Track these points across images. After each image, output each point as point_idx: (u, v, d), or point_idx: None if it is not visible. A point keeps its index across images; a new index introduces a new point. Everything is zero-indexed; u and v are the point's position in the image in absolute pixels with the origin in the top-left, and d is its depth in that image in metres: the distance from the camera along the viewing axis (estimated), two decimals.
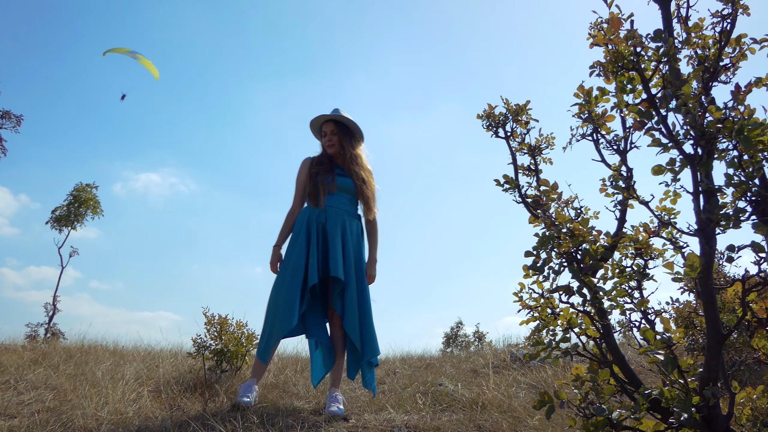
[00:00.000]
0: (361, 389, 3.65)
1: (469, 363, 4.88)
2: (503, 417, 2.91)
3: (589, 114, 1.87)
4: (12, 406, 2.62)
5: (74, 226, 10.71)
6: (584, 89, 1.87)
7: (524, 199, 1.95)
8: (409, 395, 3.36)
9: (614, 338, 1.77)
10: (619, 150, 1.75)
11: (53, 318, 9.89)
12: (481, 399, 3.22)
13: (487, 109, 2.03)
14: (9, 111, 7.48)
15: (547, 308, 1.83)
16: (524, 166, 2.16)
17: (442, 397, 3.34)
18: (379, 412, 3.00)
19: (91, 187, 11.07)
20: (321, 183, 3.16)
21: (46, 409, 2.64)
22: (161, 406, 2.83)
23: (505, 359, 4.72)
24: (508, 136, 2.05)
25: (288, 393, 3.42)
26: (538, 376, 3.81)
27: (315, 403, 3.17)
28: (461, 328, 10.48)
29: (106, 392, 2.86)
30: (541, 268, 1.67)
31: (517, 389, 3.52)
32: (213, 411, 2.77)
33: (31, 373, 3.39)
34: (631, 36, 1.58)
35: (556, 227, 1.77)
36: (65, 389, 3.01)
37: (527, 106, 2.02)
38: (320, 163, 3.26)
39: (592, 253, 1.63)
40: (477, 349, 9.94)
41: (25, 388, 3.04)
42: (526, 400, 3.23)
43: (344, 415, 2.85)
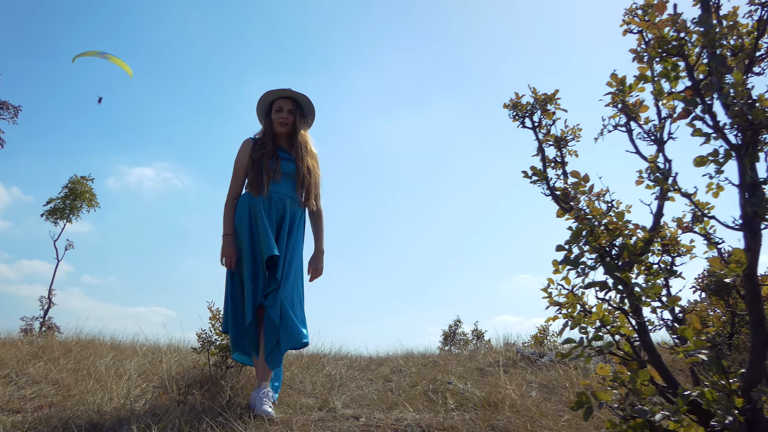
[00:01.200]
0: (369, 387, 3.58)
1: (474, 361, 4.81)
2: (517, 417, 2.85)
3: (622, 103, 1.79)
4: (14, 401, 2.54)
5: (70, 218, 10.60)
6: (617, 78, 1.80)
7: (553, 192, 1.88)
8: (419, 393, 3.29)
9: (650, 336, 1.70)
10: (657, 140, 1.68)
11: (48, 312, 9.80)
12: (492, 398, 3.15)
13: (514, 98, 1.96)
14: (6, 102, 7.36)
15: (578, 305, 1.76)
16: (549, 158, 2.09)
17: (453, 395, 3.27)
18: (390, 410, 2.93)
19: (87, 179, 10.94)
20: (265, 169, 2.90)
21: (49, 404, 2.56)
22: (167, 401, 2.75)
23: (511, 357, 4.66)
24: (535, 126, 1.98)
25: (295, 390, 3.34)
26: (548, 375, 3.75)
27: (322, 400, 3.10)
28: (459, 326, 10.43)
29: (110, 387, 2.78)
30: (576, 263, 1.60)
31: (528, 388, 3.45)
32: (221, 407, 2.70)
33: (31, 368, 3.30)
34: (675, 20, 1.51)
35: (589, 221, 1.70)
36: (67, 384, 2.93)
37: (556, 96, 1.95)
38: (263, 146, 2.97)
39: (631, 249, 1.56)
40: (475, 347, 9.89)
41: (26, 382, 2.96)
42: (538, 400, 3.17)
43: (274, 417, 2.54)
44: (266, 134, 3.02)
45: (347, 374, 3.85)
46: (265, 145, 2.97)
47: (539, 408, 2.96)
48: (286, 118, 2.98)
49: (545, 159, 1.95)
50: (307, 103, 3.06)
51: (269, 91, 3.03)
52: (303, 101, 3.05)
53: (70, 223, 10.60)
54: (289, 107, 3.00)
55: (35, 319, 9.49)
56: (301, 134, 3.04)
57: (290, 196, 2.98)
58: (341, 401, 3.08)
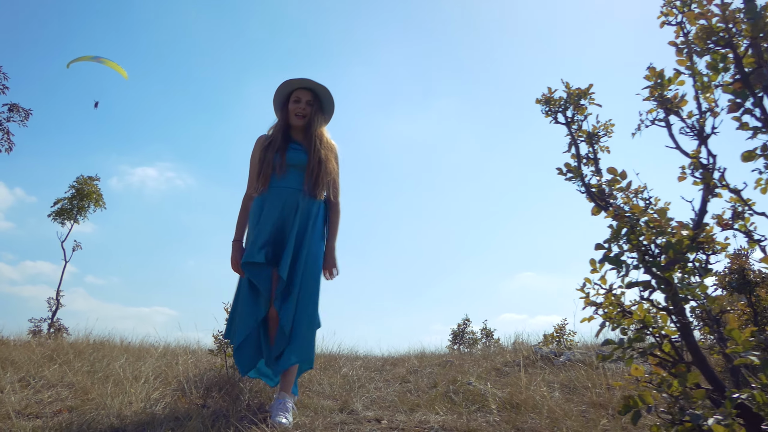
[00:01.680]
0: (387, 388, 3.53)
1: (489, 361, 4.76)
2: (541, 418, 2.80)
3: (661, 97, 1.74)
4: (32, 405, 2.50)
5: (77, 219, 10.57)
6: (656, 71, 1.75)
7: (588, 189, 1.83)
8: (440, 395, 3.24)
9: (694, 337, 1.65)
10: (700, 135, 1.63)
11: (56, 313, 9.77)
12: (514, 399, 3.11)
13: (546, 93, 1.90)
14: (17, 104, 7.33)
15: (618, 305, 1.71)
16: (579, 154, 2.03)
17: (473, 396, 3.22)
18: (412, 412, 2.88)
19: (94, 179, 10.92)
20: (268, 162, 2.77)
21: (68, 408, 2.52)
22: (187, 404, 2.71)
23: (527, 357, 4.60)
24: (568, 121, 1.92)
25: (314, 392, 3.30)
26: (569, 375, 3.70)
27: (342, 402, 3.05)
28: (468, 325, 10.36)
29: (129, 390, 2.74)
30: (619, 262, 1.55)
31: (549, 389, 3.40)
32: (243, 411, 2.65)
33: (45, 370, 3.26)
34: (725, 9, 1.45)
35: (630, 218, 1.65)
36: (84, 387, 2.89)
37: (590, 90, 1.89)
38: (276, 139, 2.85)
39: (677, 247, 1.51)
40: (485, 346, 9.83)
41: (42, 386, 2.91)
42: (561, 400, 3.12)
43: (288, 428, 2.42)
44: (277, 127, 2.90)
45: (364, 375, 3.81)
46: (277, 139, 2.85)
47: (562, 409, 2.91)
48: (303, 109, 2.86)
49: (579, 155, 1.90)
50: (327, 97, 2.94)
51: (288, 80, 2.88)
52: (323, 94, 2.93)
53: (77, 223, 10.59)
54: (308, 98, 2.87)
55: (43, 320, 9.49)
56: (317, 129, 2.90)
57: (296, 188, 2.80)
58: (361, 403, 3.03)
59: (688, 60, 1.69)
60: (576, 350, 4.50)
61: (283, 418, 2.47)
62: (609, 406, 3.04)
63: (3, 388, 2.71)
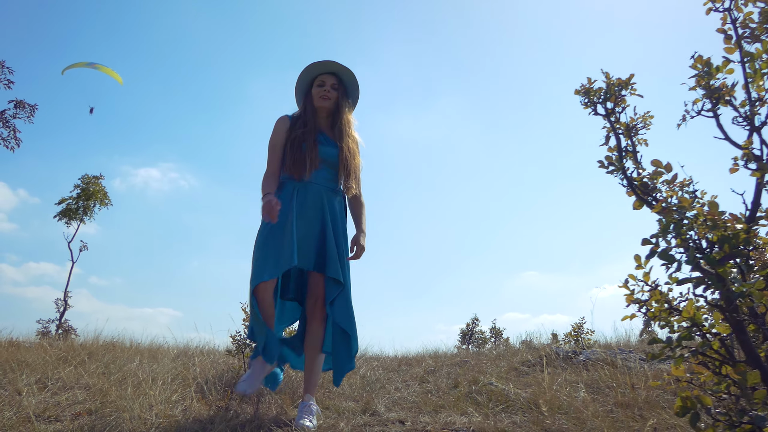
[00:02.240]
0: (406, 389, 3.47)
1: (506, 360, 4.70)
2: (568, 419, 2.73)
3: (708, 86, 1.67)
4: (50, 408, 2.44)
5: (83, 219, 10.51)
6: (703, 59, 1.68)
7: (631, 183, 1.77)
8: (462, 395, 3.17)
9: (748, 335, 1.58)
10: (752, 125, 1.56)
11: (64, 314, 9.72)
12: (538, 399, 3.04)
13: (585, 84, 1.84)
14: (23, 101, 7.28)
15: (665, 302, 1.65)
16: (617, 147, 1.97)
17: (497, 396, 3.16)
18: (436, 413, 2.82)
19: (98, 178, 10.85)
20: (309, 150, 2.62)
21: (87, 411, 2.46)
22: (207, 407, 2.65)
23: (545, 356, 4.53)
24: (609, 113, 1.86)
25: (332, 393, 3.24)
26: (593, 374, 3.63)
27: (364, 403, 2.99)
28: (477, 325, 10.31)
29: (148, 393, 2.68)
30: (671, 258, 1.48)
31: (571, 389, 3.33)
32: (264, 413, 2.60)
33: (60, 372, 3.21)
34: None
35: (679, 212, 1.58)
36: (101, 389, 2.83)
37: (631, 80, 1.83)
38: (304, 123, 2.70)
39: (732, 242, 1.44)
40: (494, 345, 9.77)
41: (59, 388, 2.86)
42: (587, 401, 3.05)
43: (313, 431, 2.37)
44: (306, 111, 2.75)
45: (383, 376, 3.75)
46: (306, 123, 2.69)
47: (589, 409, 2.85)
48: (328, 92, 2.72)
49: (621, 148, 1.83)
50: (352, 81, 2.82)
51: (312, 63, 2.76)
52: (348, 78, 2.80)
53: (83, 223, 10.53)
54: (332, 82, 2.75)
55: (51, 321, 9.44)
56: (345, 115, 2.78)
57: (327, 186, 2.71)
58: (383, 404, 2.97)
59: (737, 48, 1.62)
60: (595, 349, 4.43)
61: (307, 421, 2.41)
62: (635, 406, 2.98)
63: (20, 390, 2.66)
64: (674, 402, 3.07)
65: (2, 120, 6.94)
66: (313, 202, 2.66)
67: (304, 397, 2.59)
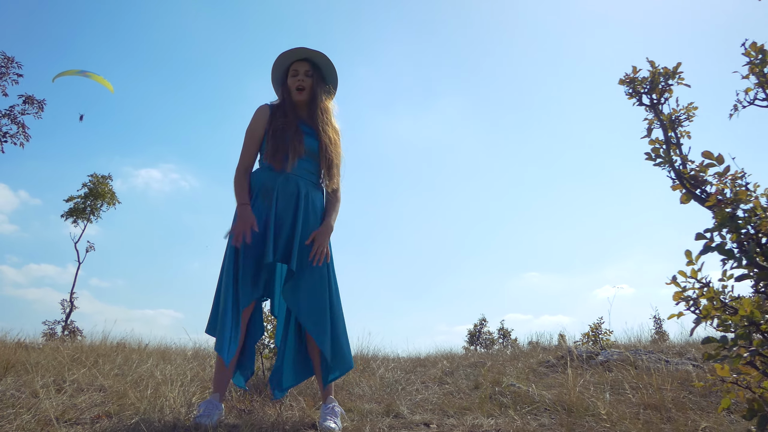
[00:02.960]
0: (426, 390, 3.40)
1: (521, 361, 4.63)
2: (596, 421, 2.67)
3: (763, 75, 1.61)
4: (69, 411, 2.37)
5: (90, 218, 10.48)
6: (756, 46, 1.61)
7: (680, 176, 1.70)
8: (485, 397, 3.10)
9: None
10: None
11: (70, 315, 9.66)
12: (563, 400, 2.98)
13: (630, 73, 1.77)
14: (32, 96, 7.22)
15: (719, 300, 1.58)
16: (659, 139, 1.90)
17: (521, 398, 3.09)
18: (461, 416, 2.75)
19: (107, 178, 10.82)
20: (291, 141, 2.51)
21: (107, 414, 2.39)
22: (228, 410, 2.58)
23: (563, 357, 4.47)
24: (654, 103, 1.79)
25: (353, 395, 3.17)
26: (616, 375, 3.56)
27: (386, 405, 2.92)
28: (485, 325, 10.23)
29: (167, 394, 2.61)
30: (730, 253, 1.42)
31: (596, 390, 3.26)
32: (287, 415, 2.53)
33: (75, 374, 3.14)
34: None
35: (734, 205, 1.51)
36: (118, 391, 2.76)
37: (678, 69, 1.76)
38: (286, 114, 2.60)
39: None
40: (502, 346, 9.70)
41: (75, 390, 2.79)
42: (615, 402, 2.98)
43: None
44: (286, 104, 2.65)
45: (402, 377, 3.68)
46: (286, 113, 2.60)
47: (617, 411, 2.78)
48: (302, 81, 2.62)
49: (669, 140, 1.76)
50: (326, 65, 2.69)
51: (283, 53, 2.66)
52: (322, 62, 2.68)
53: (90, 222, 10.49)
54: (305, 69, 2.64)
55: (57, 322, 9.37)
56: (322, 102, 2.67)
57: (306, 177, 2.58)
58: (406, 406, 2.91)
59: None
60: (614, 349, 4.36)
61: (332, 423, 2.34)
62: (662, 407, 2.91)
63: (37, 392, 2.59)
64: (703, 404, 3.01)
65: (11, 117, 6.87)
66: (291, 193, 2.53)
67: (326, 399, 2.51)
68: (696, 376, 3.48)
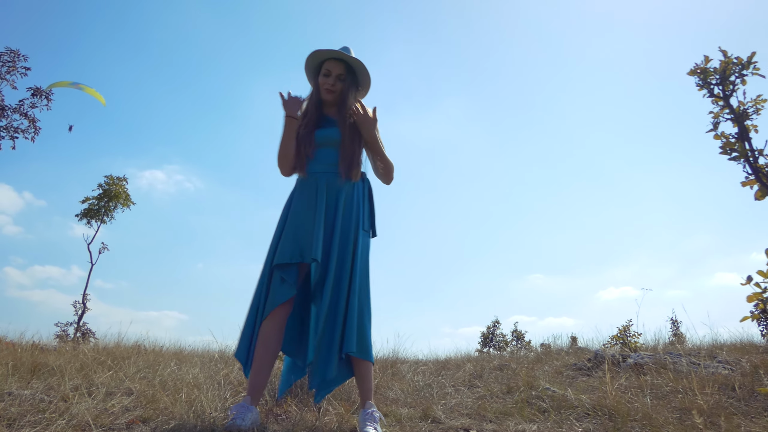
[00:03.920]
0: (461, 393, 3.31)
1: (548, 364, 4.55)
2: (642, 427, 2.58)
3: None
4: (102, 416, 2.30)
5: (104, 219, 10.45)
6: None
7: (756, 170, 1.61)
8: (521, 401, 3.02)
9: None
10: None
11: (83, 317, 9.59)
12: (604, 405, 2.89)
13: (702, 63, 1.69)
14: (40, 87, 7.16)
15: None
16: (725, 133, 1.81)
17: (558, 402, 3.00)
18: (501, 420, 2.66)
19: (122, 180, 10.81)
20: (303, 141, 2.53)
21: (140, 419, 2.31)
22: (264, 414, 2.50)
23: (591, 359, 4.37)
24: (727, 94, 1.71)
25: (385, 398, 3.08)
26: (655, 379, 3.46)
27: (421, 410, 2.84)
28: (498, 327, 10.13)
29: (200, 398, 2.53)
30: None
31: (633, 395, 3.17)
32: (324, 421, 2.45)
33: (101, 376, 3.07)
34: None
35: None
36: (148, 395, 2.69)
37: (753, 59, 1.68)
38: (306, 114, 2.61)
39: None
40: (516, 348, 9.60)
41: (104, 394, 2.71)
42: (657, 406, 2.90)
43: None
44: (311, 101, 2.64)
45: (434, 381, 3.59)
46: (308, 113, 2.59)
47: (660, 415, 2.70)
48: (333, 84, 2.59)
49: (745, 133, 1.68)
50: (361, 70, 2.63)
51: (317, 50, 2.61)
52: (357, 67, 2.63)
53: (104, 223, 10.47)
54: (338, 72, 2.60)
55: (69, 324, 9.31)
56: (351, 103, 2.62)
57: (333, 170, 2.54)
58: (442, 411, 2.82)
59: None
60: (643, 352, 4.27)
61: (372, 429, 2.26)
62: (704, 412, 2.82)
63: (66, 396, 2.52)
64: (744, 408, 2.92)
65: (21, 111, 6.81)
66: (316, 189, 2.51)
67: (365, 404, 2.43)
68: (734, 380, 3.39)
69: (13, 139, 6.63)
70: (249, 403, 2.28)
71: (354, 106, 2.57)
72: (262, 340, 2.35)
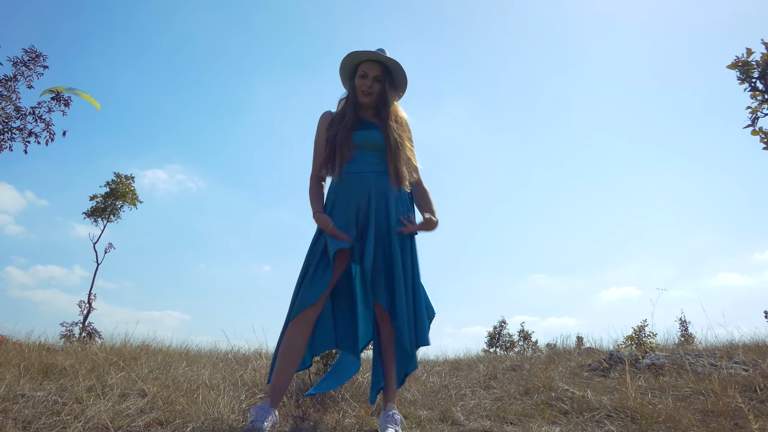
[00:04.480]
0: (477, 394, 3.25)
1: (561, 365, 4.49)
2: (666, 429, 2.53)
3: None
4: (118, 418, 2.25)
5: (110, 218, 10.43)
6: None
7: None
8: (541, 402, 2.96)
9: None
10: None
11: (88, 317, 9.56)
12: (625, 407, 2.83)
13: (743, 56, 1.63)
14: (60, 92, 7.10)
15: None
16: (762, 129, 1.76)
17: (579, 404, 2.94)
18: (523, 422, 2.61)
19: (129, 178, 10.78)
20: (338, 145, 2.49)
21: (157, 421, 2.27)
22: (282, 417, 2.45)
23: (604, 360, 4.32)
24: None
25: (403, 400, 3.04)
26: (676, 380, 3.40)
27: (440, 411, 2.79)
28: (504, 327, 10.09)
29: (217, 400, 2.48)
30: None
31: (653, 396, 3.12)
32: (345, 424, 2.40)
33: (113, 377, 3.02)
34: None
35: None
36: (162, 397, 2.64)
37: None
38: (342, 117, 2.57)
39: None
40: (522, 348, 9.55)
41: (119, 396, 2.67)
42: (680, 408, 2.84)
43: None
44: (348, 102, 2.60)
45: (450, 382, 3.54)
46: (345, 115, 2.55)
47: (684, 417, 2.64)
48: (370, 86, 2.55)
49: None
50: (398, 71, 2.59)
51: (353, 52, 2.58)
52: (394, 68, 2.59)
53: (111, 222, 10.45)
54: (375, 74, 2.55)
55: (75, 324, 9.27)
56: (390, 105, 2.59)
57: (376, 171, 2.50)
58: (461, 413, 2.77)
59: None
60: (658, 353, 4.21)
61: (393, 431, 2.23)
62: (727, 414, 2.77)
63: (80, 398, 2.47)
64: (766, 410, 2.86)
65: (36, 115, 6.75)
66: (356, 191, 2.48)
67: (386, 406, 2.40)
68: (755, 382, 3.33)
69: (26, 144, 6.57)
70: (269, 405, 2.24)
71: (405, 221, 2.51)
72: (288, 341, 2.32)
